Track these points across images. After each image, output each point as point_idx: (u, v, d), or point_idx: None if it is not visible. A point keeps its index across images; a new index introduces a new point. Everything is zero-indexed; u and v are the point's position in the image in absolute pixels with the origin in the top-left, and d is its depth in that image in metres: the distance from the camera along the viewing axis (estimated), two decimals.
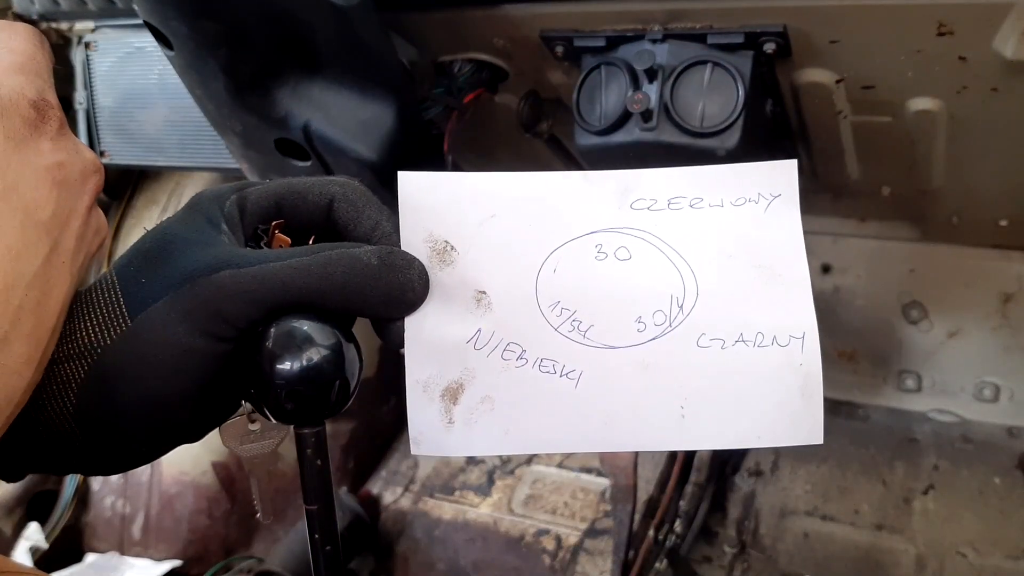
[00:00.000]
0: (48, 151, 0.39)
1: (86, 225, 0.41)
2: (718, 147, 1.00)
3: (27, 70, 0.40)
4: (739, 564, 1.42)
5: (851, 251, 1.56)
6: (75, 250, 0.40)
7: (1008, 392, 1.51)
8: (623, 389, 0.48)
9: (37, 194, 0.38)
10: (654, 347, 0.49)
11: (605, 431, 0.48)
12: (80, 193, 0.41)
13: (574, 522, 1.53)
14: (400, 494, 1.68)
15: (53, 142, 0.39)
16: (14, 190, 0.37)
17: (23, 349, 0.37)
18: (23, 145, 0.38)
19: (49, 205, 0.38)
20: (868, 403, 1.62)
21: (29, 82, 0.40)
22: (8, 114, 0.38)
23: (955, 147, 1.12)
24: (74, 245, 0.40)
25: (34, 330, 0.38)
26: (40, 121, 0.39)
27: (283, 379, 0.42)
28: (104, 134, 1.44)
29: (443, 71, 1.19)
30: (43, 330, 0.39)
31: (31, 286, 0.37)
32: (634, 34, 1.01)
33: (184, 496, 1.57)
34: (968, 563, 1.33)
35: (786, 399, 0.48)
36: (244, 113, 1.03)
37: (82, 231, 0.41)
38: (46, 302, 0.38)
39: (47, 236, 0.38)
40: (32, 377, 0.39)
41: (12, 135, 0.37)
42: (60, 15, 1.40)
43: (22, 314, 0.37)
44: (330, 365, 0.43)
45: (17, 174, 0.37)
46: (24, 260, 0.37)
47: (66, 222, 0.40)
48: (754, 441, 0.48)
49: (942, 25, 0.88)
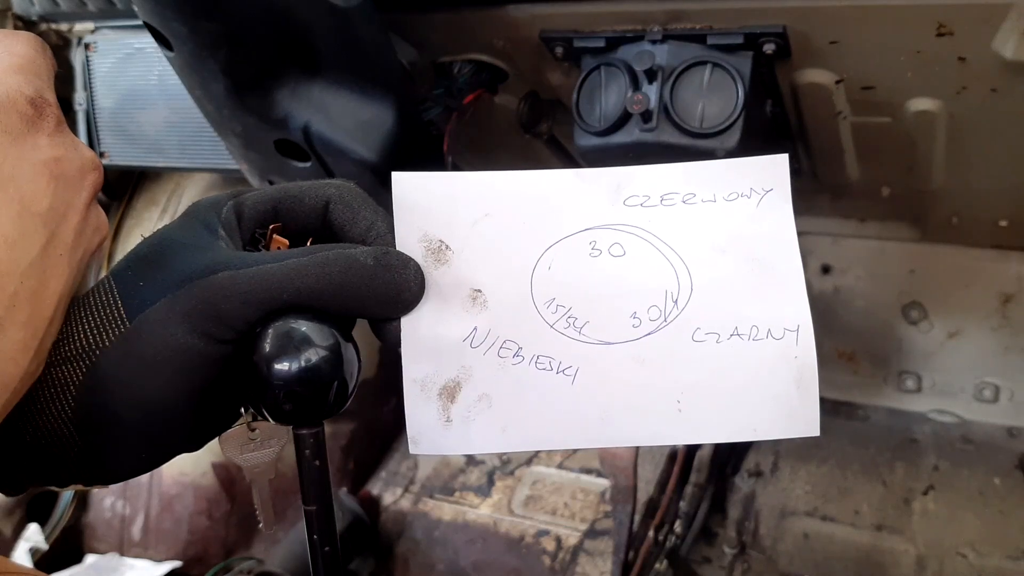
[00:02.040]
0: (46, 146, 0.40)
1: (84, 221, 0.42)
2: (718, 148, 1.00)
3: (26, 71, 0.41)
4: (739, 565, 1.42)
5: (851, 251, 1.56)
6: (73, 244, 0.41)
7: (1008, 392, 1.51)
8: (620, 384, 0.48)
9: (34, 187, 0.39)
10: (649, 342, 0.49)
11: (602, 426, 0.48)
12: (78, 188, 0.41)
13: (574, 523, 1.53)
14: (400, 495, 1.68)
15: (51, 138, 0.40)
16: (11, 181, 0.38)
17: (19, 335, 0.38)
18: (20, 139, 0.39)
19: (46, 198, 0.39)
20: (868, 403, 1.62)
21: (27, 81, 0.41)
22: (5, 110, 0.39)
23: (955, 147, 1.12)
24: (72, 239, 0.41)
25: (30, 318, 0.38)
26: (37, 117, 0.40)
27: (281, 380, 0.42)
28: (104, 135, 1.44)
29: (443, 72, 1.19)
30: (40, 319, 0.39)
31: (27, 274, 0.38)
32: (634, 35, 1.01)
33: (184, 497, 1.57)
34: (968, 563, 1.33)
35: (782, 392, 0.48)
36: (244, 114, 1.03)
37: (80, 226, 0.41)
38: (43, 291, 0.39)
39: (44, 227, 0.39)
40: (29, 367, 0.39)
41: (9, 130, 0.38)
42: (60, 16, 1.40)
43: (17, 300, 0.37)
44: (328, 365, 0.43)
45: (14, 167, 0.38)
46: (20, 248, 0.37)
47: (64, 215, 0.40)
48: (750, 434, 0.48)
49: (942, 26, 0.88)
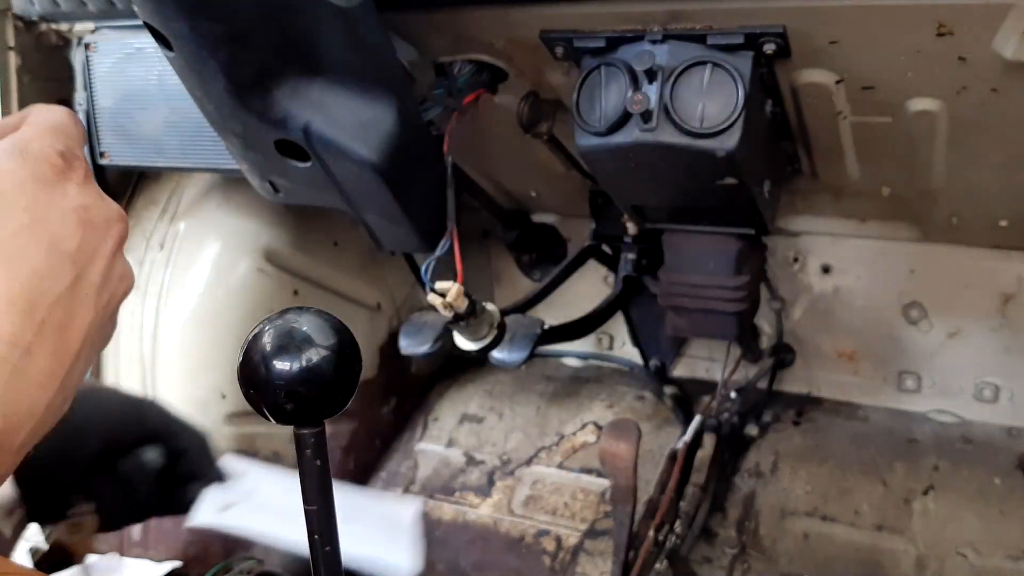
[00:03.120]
0: (75, 195, 0.44)
1: (111, 267, 0.45)
2: (718, 148, 1.00)
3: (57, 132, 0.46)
4: (739, 565, 1.42)
5: (851, 251, 1.56)
6: (100, 286, 0.44)
7: (1008, 392, 1.51)
8: None
9: (64, 229, 0.42)
10: None
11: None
12: (105, 236, 0.45)
13: (574, 523, 1.52)
14: (400, 495, 1.68)
15: (79, 188, 0.44)
16: (42, 222, 0.41)
17: (46, 363, 0.40)
18: (51, 187, 0.43)
19: (74, 240, 0.43)
20: (868, 403, 1.61)
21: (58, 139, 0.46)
22: (38, 161, 0.43)
23: (955, 147, 1.12)
24: (99, 281, 0.44)
25: (57, 349, 0.41)
26: (67, 169, 0.44)
27: (282, 380, 0.42)
28: (104, 135, 1.43)
29: (443, 72, 1.19)
30: (66, 352, 0.42)
31: (55, 306, 0.41)
32: (634, 35, 1.01)
33: None
34: (968, 563, 1.33)
35: None
36: (244, 114, 1.03)
37: (107, 271, 0.45)
38: (69, 325, 0.42)
39: (72, 265, 0.42)
40: (55, 399, 0.41)
41: (41, 178, 0.43)
42: (60, 16, 1.40)
43: (45, 329, 0.40)
44: (329, 365, 0.43)
45: (45, 210, 0.42)
46: (49, 281, 0.41)
47: (91, 258, 0.44)
48: None
49: (942, 25, 0.88)
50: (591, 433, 1.66)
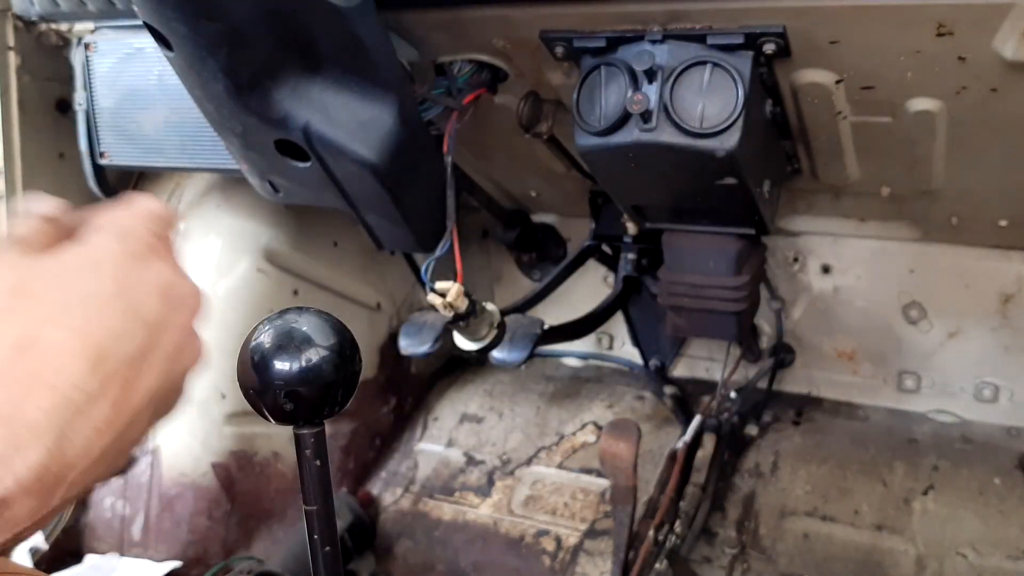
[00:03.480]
0: (160, 271, 0.49)
1: (185, 341, 0.49)
2: (717, 148, 1.00)
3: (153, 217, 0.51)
4: (739, 565, 1.42)
5: (851, 251, 1.56)
6: (171, 356, 0.47)
7: (1008, 392, 1.51)
8: None
9: (145, 299, 0.47)
10: None
11: None
12: (182, 311, 0.49)
13: (574, 523, 1.53)
14: (400, 495, 1.68)
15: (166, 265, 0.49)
16: (127, 291, 0.46)
17: (107, 412, 0.43)
18: (140, 261, 0.48)
19: (153, 310, 0.47)
20: (868, 403, 1.61)
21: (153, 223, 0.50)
22: (134, 239, 0.49)
23: (955, 147, 1.12)
24: (171, 351, 0.47)
25: (118, 402, 0.44)
26: (159, 247, 0.50)
27: (282, 380, 0.42)
28: (104, 135, 1.43)
29: (443, 71, 1.19)
30: (127, 406, 0.44)
31: (123, 364, 0.44)
32: (634, 35, 1.01)
33: (184, 497, 1.57)
34: (968, 563, 1.33)
35: None
36: (244, 114, 1.03)
37: (180, 343, 0.48)
38: (135, 383, 0.45)
39: (146, 331, 0.46)
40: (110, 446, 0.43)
41: (135, 254, 0.48)
42: (60, 16, 1.40)
43: (110, 382, 0.43)
44: (329, 365, 0.43)
45: (132, 281, 0.47)
46: (122, 342, 0.44)
47: (165, 328, 0.47)
48: None
49: (942, 25, 0.88)
50: (591, 433, 1.66)
